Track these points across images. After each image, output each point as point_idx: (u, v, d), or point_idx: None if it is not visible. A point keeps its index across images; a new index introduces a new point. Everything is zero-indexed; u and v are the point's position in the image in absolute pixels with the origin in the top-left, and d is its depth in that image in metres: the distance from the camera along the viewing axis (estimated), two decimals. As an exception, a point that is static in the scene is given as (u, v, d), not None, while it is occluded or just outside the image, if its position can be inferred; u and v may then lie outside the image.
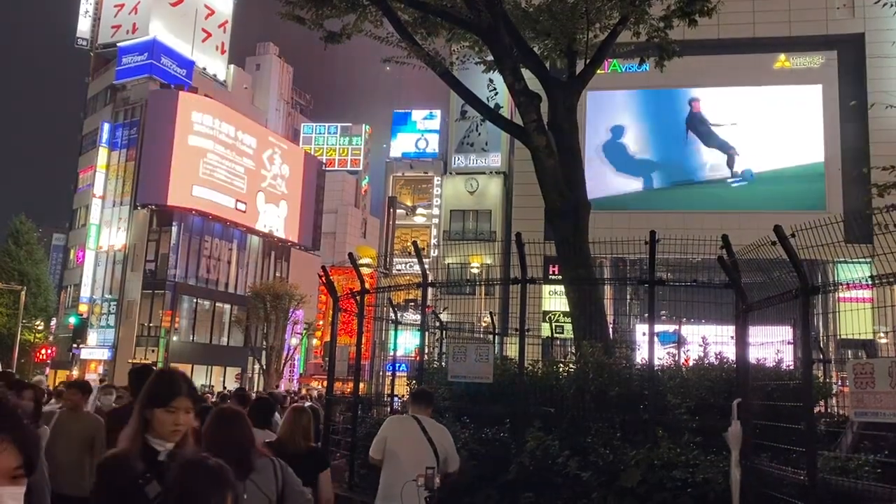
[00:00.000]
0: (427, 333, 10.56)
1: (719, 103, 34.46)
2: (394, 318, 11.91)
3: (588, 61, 11.32)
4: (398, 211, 45.28)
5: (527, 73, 11.13)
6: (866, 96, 30.58)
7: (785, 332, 7.40)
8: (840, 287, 6.30)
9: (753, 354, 6.71)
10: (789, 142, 33.32)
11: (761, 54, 33.58)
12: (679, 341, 11.18)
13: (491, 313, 15.07)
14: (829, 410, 9.37)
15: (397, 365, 15.64)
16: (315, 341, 51.44)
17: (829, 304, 14.92)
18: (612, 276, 21.07)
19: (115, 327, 43.88)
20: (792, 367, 7.32)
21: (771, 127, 33.43)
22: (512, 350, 9.62)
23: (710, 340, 8.83)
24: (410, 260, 40.44)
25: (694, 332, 10.29)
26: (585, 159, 13.26)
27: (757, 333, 6.76)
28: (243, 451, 3.39)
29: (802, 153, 33.22)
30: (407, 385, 11.74)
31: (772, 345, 7.33)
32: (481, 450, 7.51)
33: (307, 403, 11.53)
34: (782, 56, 34.08)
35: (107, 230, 45.83)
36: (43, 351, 44.51)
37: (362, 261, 23.65)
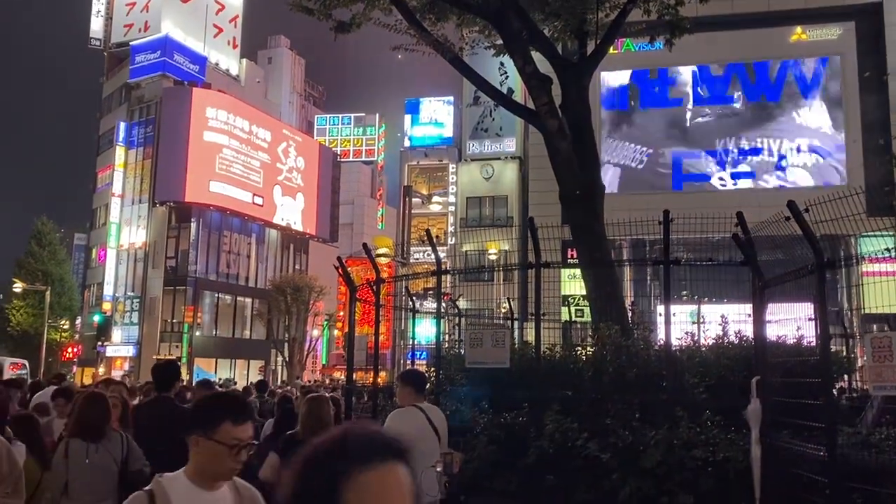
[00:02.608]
0: (445, 321, 10.56)
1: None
2: (412, 306, 11.95)
3: (599, 41, 11.20)
4: (414, 200, 45.25)
5: (537, 56, 11.02)
6: (885, 66, 30.04)
7: (807, 308, 7.32)
8: (860, 260, 6.22)
9: (773, 331, 6.65)
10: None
11: (777, 28, 33.04)
12: (699, 320, 11.12)
13: (509, 299, 15.04)
14: (852, 385, 9.29)
15: (418, 353, 15.73)
16: (336, 332, 51.75)
17: (853, 278, 14.78)
18: (630, 258, 20.94)
19: (139, 324, 44.39)
20: (814, 343, 7.25)
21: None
22: (531, 335, 9.60)
23: (729, 319, 8.76)
24: (428, 248, 40.43)
25: (714, 311, 10.23)
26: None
27: (779, 310, 6.69)
28: (101, 424, 4.79)
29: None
30: (427, 372, 11.74)
31: (794, 321, 7.26)
32: (501, 434, 7.53)
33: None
34: (799, 28, 33.50)
35: (127, 228, 46.28)
36: (69, 350, 45.18)
37: (379, 250, 23.69)
